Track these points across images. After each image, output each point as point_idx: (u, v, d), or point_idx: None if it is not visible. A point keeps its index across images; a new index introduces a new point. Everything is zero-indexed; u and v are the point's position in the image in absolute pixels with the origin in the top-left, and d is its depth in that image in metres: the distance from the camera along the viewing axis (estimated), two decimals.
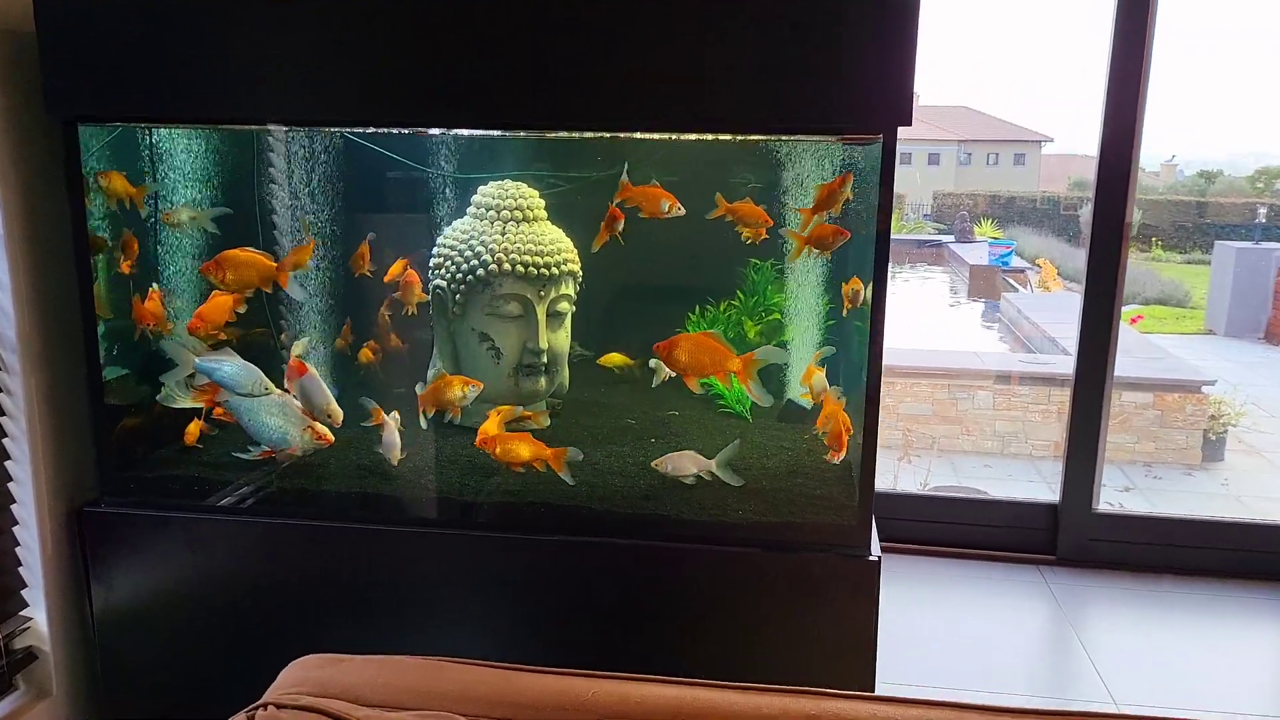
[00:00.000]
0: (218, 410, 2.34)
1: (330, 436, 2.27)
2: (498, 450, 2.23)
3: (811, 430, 2.51)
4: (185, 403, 2.33)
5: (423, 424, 2.37)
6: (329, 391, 2.29)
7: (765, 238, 2.33)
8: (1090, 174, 3.18)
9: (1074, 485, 3.39)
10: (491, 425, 2.26)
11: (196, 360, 2.26)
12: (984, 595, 3.21)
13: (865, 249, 2.07)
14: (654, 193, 2.24)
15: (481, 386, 2.35)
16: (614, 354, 2.69)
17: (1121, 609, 3.12)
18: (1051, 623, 3.05)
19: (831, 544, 2.07)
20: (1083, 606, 3.13)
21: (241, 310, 2.30)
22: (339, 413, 2.28)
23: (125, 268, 2.32)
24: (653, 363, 2.35)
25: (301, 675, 1.51)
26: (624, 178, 2.25)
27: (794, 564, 2.06)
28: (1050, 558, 3.40)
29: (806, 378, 2.36)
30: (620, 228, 2.29)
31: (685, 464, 2.22)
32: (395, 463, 2.28)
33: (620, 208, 2.27)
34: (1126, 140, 3.11)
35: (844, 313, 2.28)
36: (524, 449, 2.23)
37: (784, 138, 2.29)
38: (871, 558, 2.04)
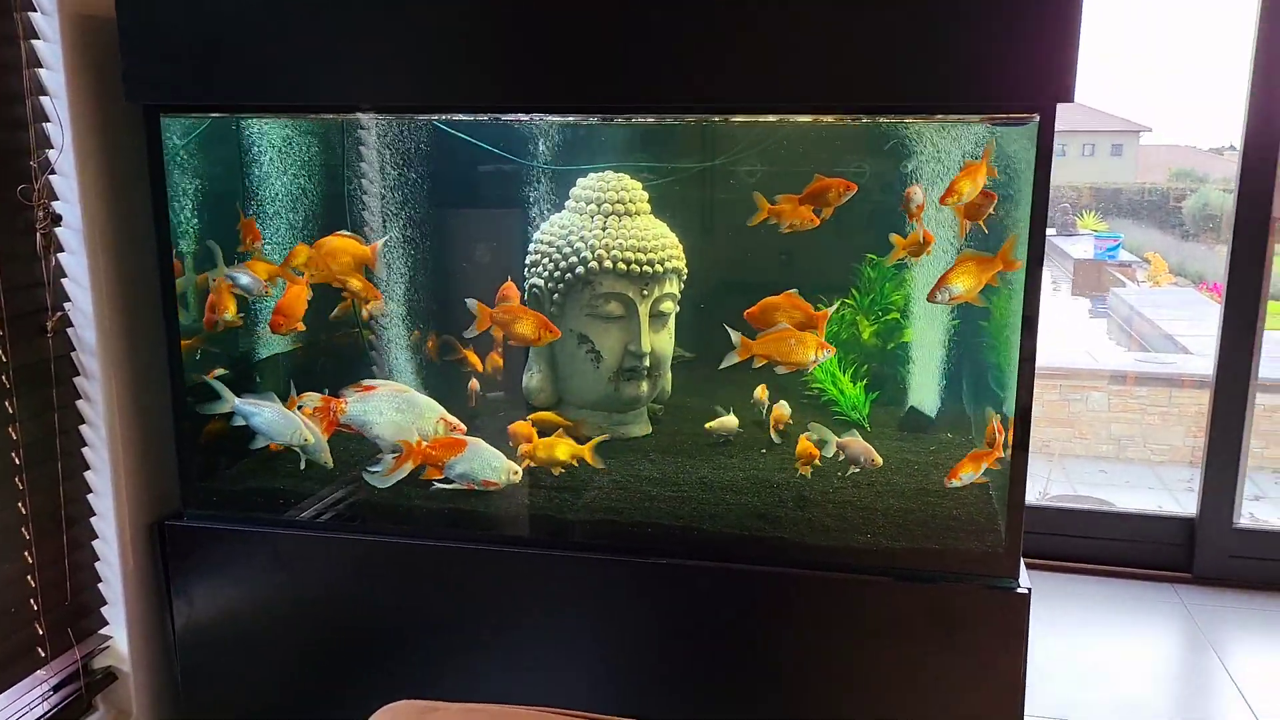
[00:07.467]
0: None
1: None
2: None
3: (939, 441, 2.30)
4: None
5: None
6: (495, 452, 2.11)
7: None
8: (1193, 164, 2.98)
9: (1213, 498, 3.14)
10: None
11: (236, 402, 2.14)
12: (1114, 616, 2.96)
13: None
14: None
15: (835, 351, 2.18)
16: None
17: (1269, 633, 2.85)
18: (1190, 648, 2.79)
19: (973, 573, 1.85)
20: (1225, 630, 2.87)
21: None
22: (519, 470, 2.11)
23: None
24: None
25: None
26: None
27: (929, 595, 1.84)
28: (1185, 575, 3.15)
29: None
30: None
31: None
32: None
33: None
34: (1273, 133, 2.92)
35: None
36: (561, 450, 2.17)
37: (919, 118, 2.05)
38: (1020, 590, 1.81)
